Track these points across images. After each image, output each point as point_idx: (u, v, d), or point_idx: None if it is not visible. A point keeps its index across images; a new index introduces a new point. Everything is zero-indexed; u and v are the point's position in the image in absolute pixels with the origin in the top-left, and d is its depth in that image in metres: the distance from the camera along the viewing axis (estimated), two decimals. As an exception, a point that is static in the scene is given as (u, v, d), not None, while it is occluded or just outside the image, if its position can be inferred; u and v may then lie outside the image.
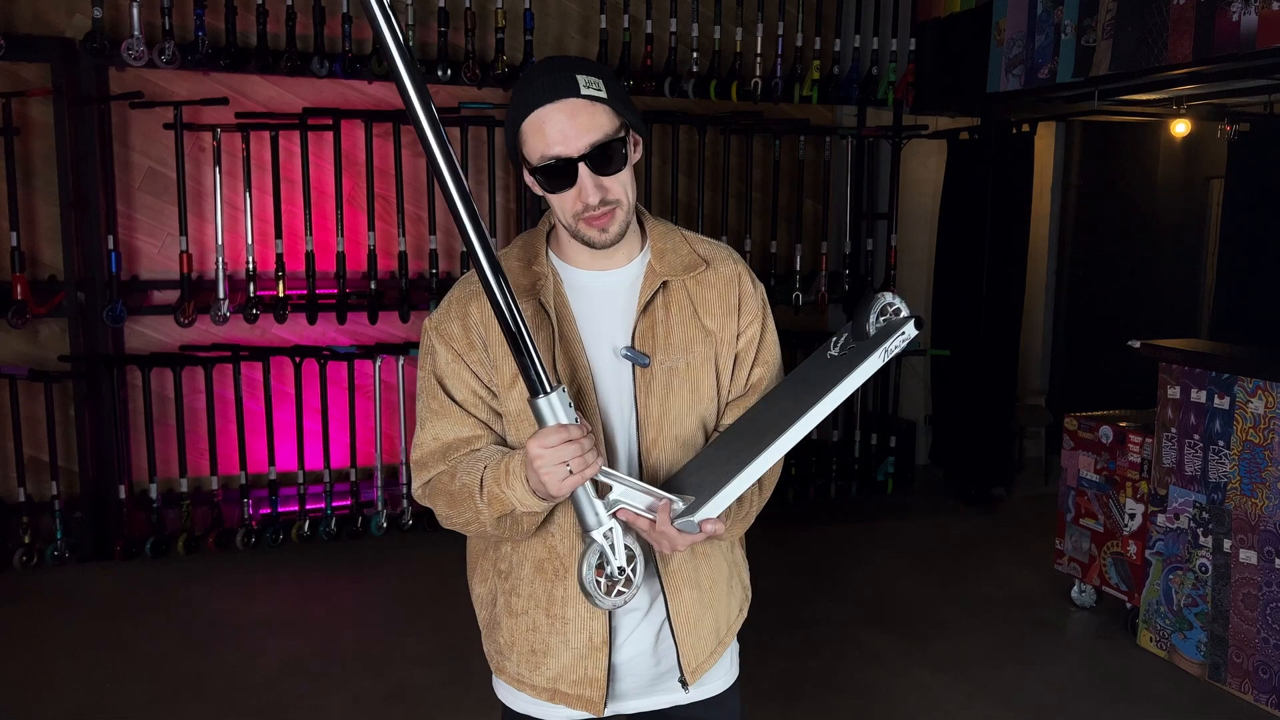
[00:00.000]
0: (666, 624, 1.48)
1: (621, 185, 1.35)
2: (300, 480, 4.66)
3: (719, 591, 1.54)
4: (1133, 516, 3.74)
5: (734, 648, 1.62)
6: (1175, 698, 3.32)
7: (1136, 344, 3.66)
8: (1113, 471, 3.82)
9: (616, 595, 1.33)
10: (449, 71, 4.70)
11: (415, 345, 4.80)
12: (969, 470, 5.49)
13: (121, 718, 3.12)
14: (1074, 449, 3.99)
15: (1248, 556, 3.26)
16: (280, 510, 4.66)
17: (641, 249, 1.47)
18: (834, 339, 1.43)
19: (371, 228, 4.65)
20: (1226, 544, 3.33)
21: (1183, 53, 3.85)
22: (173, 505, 4.55)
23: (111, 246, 4.35)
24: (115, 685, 3.30)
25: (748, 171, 5.29)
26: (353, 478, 4.74)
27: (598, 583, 1.31)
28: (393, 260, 4.77)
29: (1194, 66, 3.86)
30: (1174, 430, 3.51)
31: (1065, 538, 4.04)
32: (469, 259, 1.26)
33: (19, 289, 4.20)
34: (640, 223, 1.48)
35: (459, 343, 1.41)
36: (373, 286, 4.65)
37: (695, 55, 5.10)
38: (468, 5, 4.74)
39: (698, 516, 1.30)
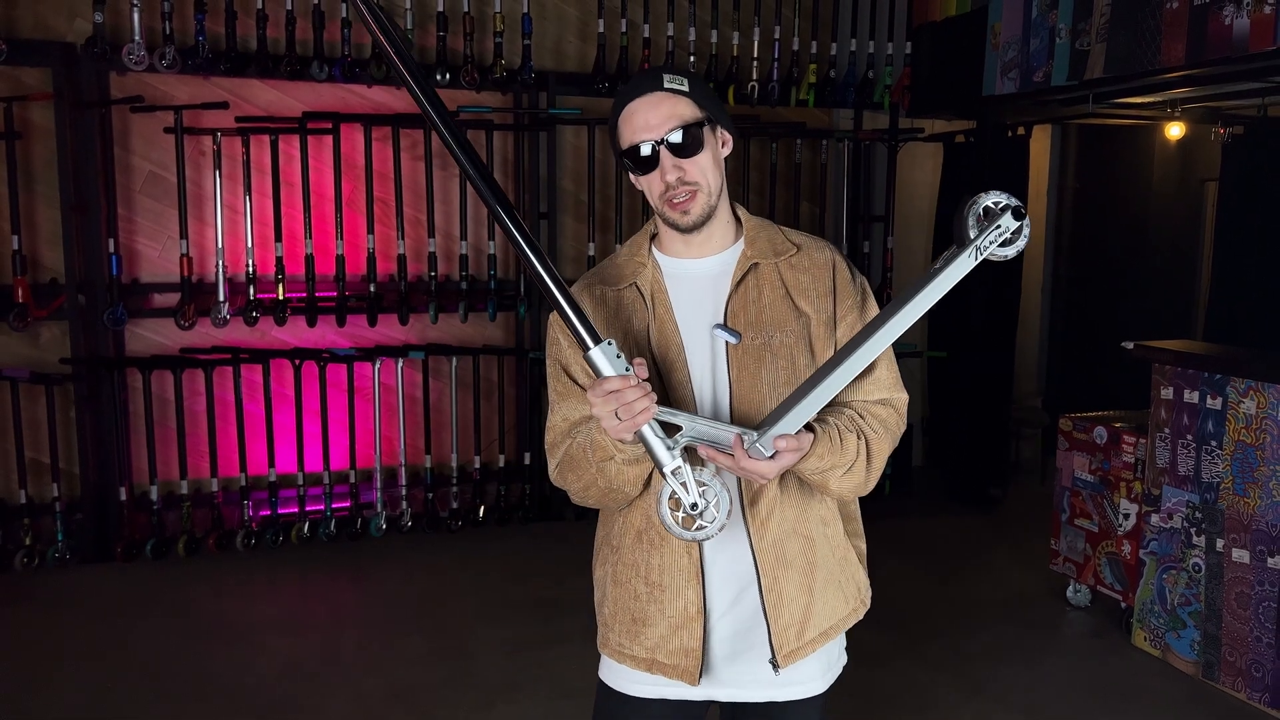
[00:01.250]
0: (759, 601, 1.52)
1: (700, 169, 1.47)
2: (300, 482, 4.69)
3: (821, 578, 1.56)
4: (1127, 516, 3.76)
5: (833, 655, 1.62)
6: (1169, 696, 3.34)
7: (1130, 345, 3.69)
8: (1107, 472, 3.85)
9: (697, 529, 1.38)
10: (447, 76, 4.73)
11: (414, 348, 4.83)
12: (966, 471, 5.52)
13: (123, 719, 3.14)
14: (1069, 450, 4.02)
15: (1240, 556, 3.28)
16: (280, 512, 4.68)
17: (737, 240, 1.57)
18: (944, 253, 1.43)
19: (370, 231, 4.68)
20: (1219, 543, 3.35)
21: (1176, 56, 3.88)
22: (173, 507, 4.57)
23: (112, 250, 4.38)
24: (116, 686, 3.32)
25: (744, 174, 5.32)
26: (352, 479, 4.76)
27: (675, 517, 1.38)
28: (392, 263, 4.80)
29: (1187, 70, 3.89)
30: (1167, 431, 3.54)
31: (1060, 538, 4.07)
32: (502, 231, 1.35)
33: (20, 292, 4.22)
34: (737, 217, 1.59)
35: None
36: (372, 289, 4.67)
37: (692, 59, 5.13)
38: (466, 10, 4.77)
39: (763, 442, 1.35)
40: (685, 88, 1.46)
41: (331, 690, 3.31)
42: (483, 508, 4.95)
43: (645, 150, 1.45)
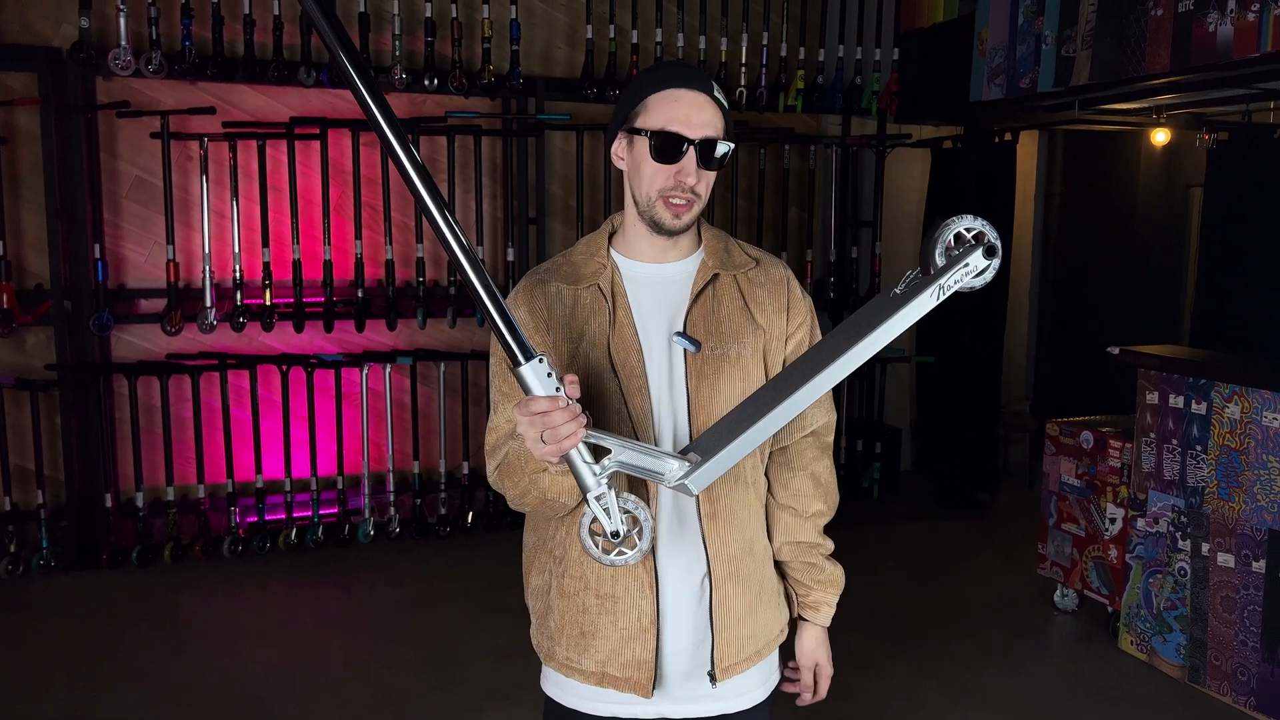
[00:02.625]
0: (709, 613, 1.52)
1: (707, 184, 1.47)
2: (287, 488, 4.67)
3: (767, 599, 1.58)
4: (1113, 521, 3.78)
5: (770, 667, 1.64)
6: (1155, 700, 3.35)
7: (1115, 350, 3.70)
8: (1093, 476, 3.86)
9: (616, 554, 1.36)
10: (435, 81, 4.73)
11: (401, 353, 4.82)
12: (954, 476, 5.53)
13: (107, 726, 3.12)
14: (1055, 454, 4.03)
15: (1225, 560, 3.30)
16: (267, 518, 4.66)
17: (697, 249, 1.57)
18: (906, 274, 1.34)
19: (358, 236, 4.67)
20: (1205, 547, 3.37)
21: (1161, 63, 3.90)
22: (159, 514, 4.55)
23: (98, 255, 4.36)
24: (102, 694, 3.30)
25: (733, 180, 5.33)
26: (340, 485, 4.75)
27: (595, 541, 1.34)
28: (380, 268, 4.79)
29: (1172, 76, 3.92)
30: (1153, 435, 3.56)
31: (1047, 542, 4.08)
32: (433, 230, 1.24)
33: (5, 298, 4.19)
34: (697, 228, 1.59)
35: (525, 328, 1.48)
36: (360, 294, 4.66)
37: (681, 65, 5.13)
38: (454, 15, 4.77)
39: (693, 482, 1.31)
40: (725, 106, 1.47)
41: (318, 697, 3.30)
42: (471, 513, 4.94)
43: (677, 142, 1.42)
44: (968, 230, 1.28)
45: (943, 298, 1.26)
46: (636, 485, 1.46)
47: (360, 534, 4.73)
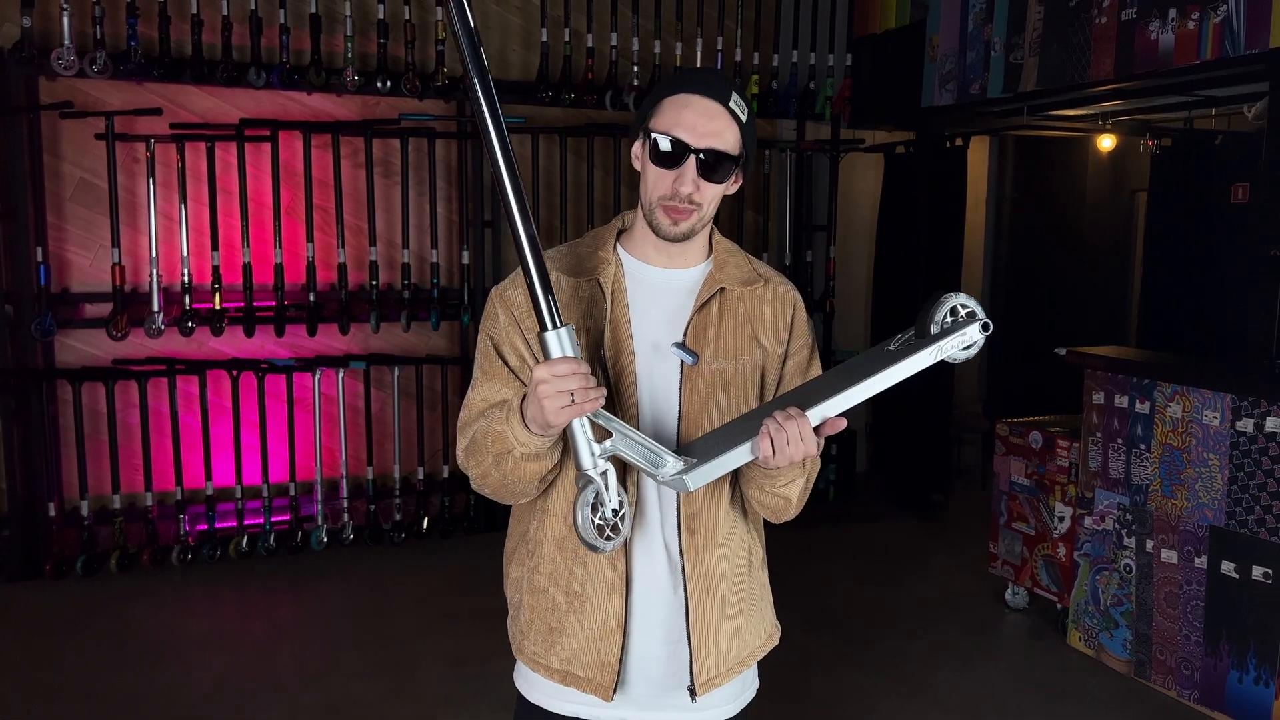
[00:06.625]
0: (685, 628, 1.50)
1: (710, 196, 1.46)
2: (238, 495, 4.59)
3: (745, 610, 1.56)
4: (1062, 519, 3.84)
5: (747, 680, 1.62)
6: (1103, 695, 3.41)
7: (1062, 351, 3.77)
8: (1043, 476, 3.92)
9: (607, 540, 1.36)
10: (389, 83, 4.69)
11: (354, 358, 4.77)
12: (908, 477, 5.59)
13: (50, 740, 3.05)
14: (1006, 454, 4.09)
15: (1169, 556, 3.37)
16: (218, 526, 4.58)
17: (706, 259, 1.56)
18: (897, 336, 1.44)
19: (310, 239, 4.61)
20: (1149, 544, 3.43)
21: (1105, 70, 3.98)
22: (105, 522, 4.45)
23: (40, 259, 4.26)
24: (45, 707, 3.22)
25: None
26: (292, 492, 4.68)
27: (592, 522, 1.34)
28: (332, 272, 4.73)
29: (1116, 83, 4.00)
30: (1099, 435, 3.62)
31: (998, 541, 4.14)
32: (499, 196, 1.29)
33: (-57, 302, 4.10)
34: (709, 238, 1.57)
35: (520, 309, 1.47)
36: (311, 298, 4.60)
37: (636, 68, 5.15)
38: (408, 17, 4.73)
39: (691, 478, 1.32)
40: (743, 119, 1.44)
41: (268, 707, 3.24)
42: (426, 519, 4.90)
43: (676, 148, 1.41)
44: (963, 307, 1.40)
45: (940, 358, 1.37)
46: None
47: (313, 541, 4.67)
